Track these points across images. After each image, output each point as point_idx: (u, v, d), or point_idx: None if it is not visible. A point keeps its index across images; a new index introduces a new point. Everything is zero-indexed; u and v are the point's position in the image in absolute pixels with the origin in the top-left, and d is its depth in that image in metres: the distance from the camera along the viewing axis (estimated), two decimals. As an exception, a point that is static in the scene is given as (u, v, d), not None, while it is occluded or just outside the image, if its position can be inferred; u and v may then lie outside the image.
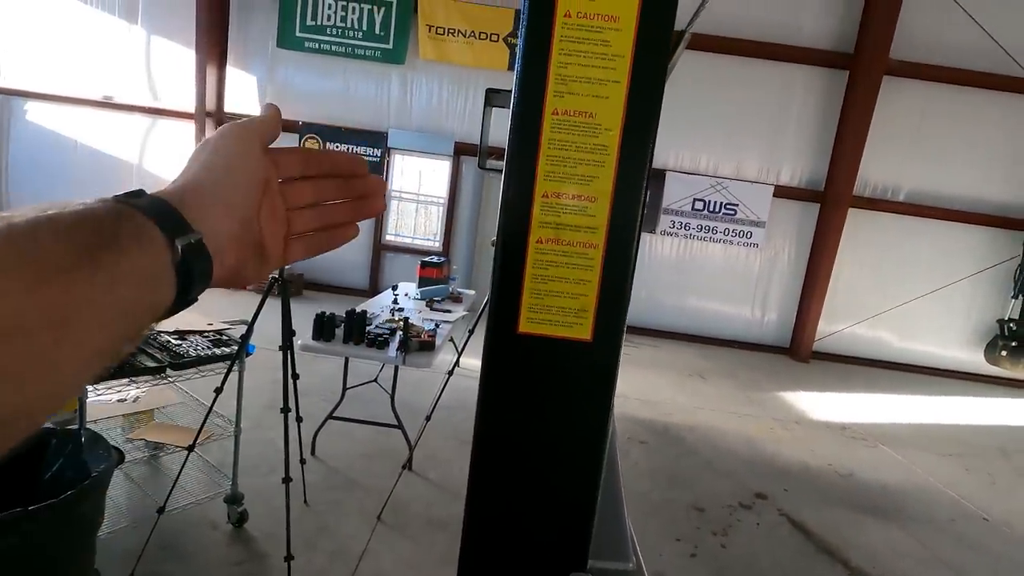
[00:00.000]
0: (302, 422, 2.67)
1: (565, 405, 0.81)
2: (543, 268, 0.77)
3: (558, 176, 0.75)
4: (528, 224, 0.76)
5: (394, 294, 4.58)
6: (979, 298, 8.15)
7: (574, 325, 0.79)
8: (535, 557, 0.84)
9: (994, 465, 4.91)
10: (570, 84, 0.73)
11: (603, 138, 0.74)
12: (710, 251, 8.34)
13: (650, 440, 4.42)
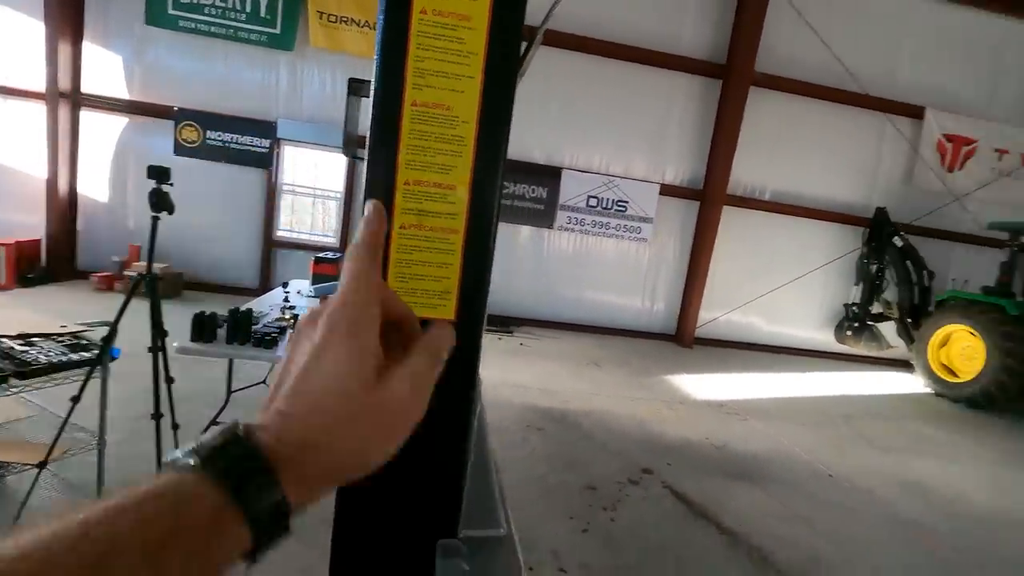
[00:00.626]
0: (179, 429, 2.50)
1: (433, 381, 0.85)
2: (407, 253, 0.81)
3: (419, 165, 0.79)
4: (392, 210, 0.80)
5: (285, 292, 4.37)
6: (830, 285, 9.31)
7: (438, 306, 0.83)
8: (407, 529, 0.88)
9: (840, 430, 5.65)
10: (428, 77, 0.77)
11: (460, 129, 0.79)
12: (604, 246, 8.79)
13: (548, 427, 4.60)
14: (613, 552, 2.97)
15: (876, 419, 6.26)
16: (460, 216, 0.81)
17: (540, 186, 8.41)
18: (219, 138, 7.73)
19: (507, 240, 8.54)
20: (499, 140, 0.82)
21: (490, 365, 6.16)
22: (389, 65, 0.76)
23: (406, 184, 0.79)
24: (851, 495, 4.13)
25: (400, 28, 0.75)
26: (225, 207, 8.00)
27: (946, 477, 4.76)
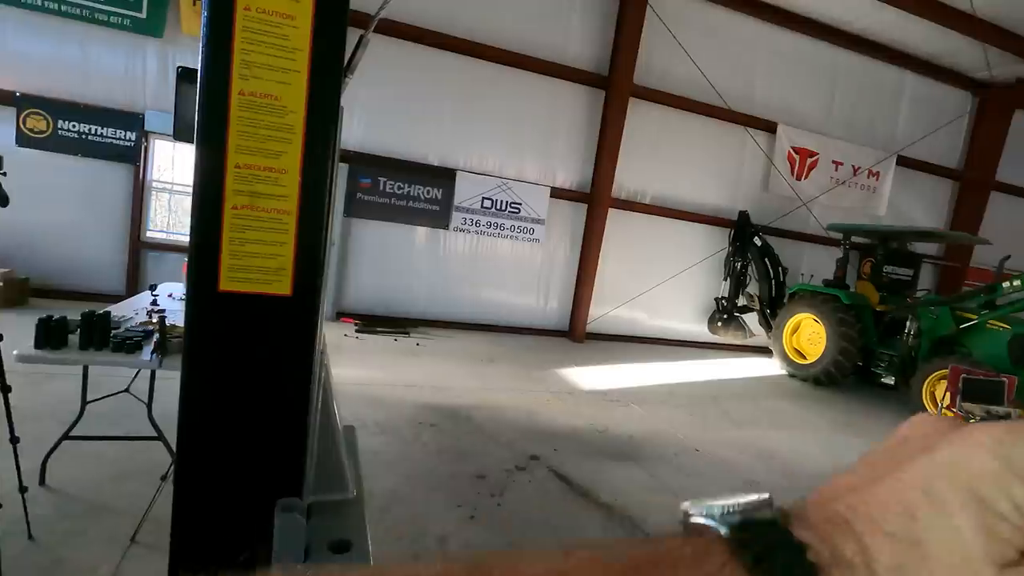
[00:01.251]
0: (18, 443, 2.28)
1: (270, 352, 0.92)
2: (240, 232, 0.87)
3: (248, 150, 0.85)
4: (222, 192, 0.85)
5: (153, 295, 4.08)
6: (703, 281, 10.22)
7: (273, 282, 0.89)
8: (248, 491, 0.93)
9: (707, 410, 6.26)
10: (254, 69, 0.84)
11: (289, 119, 0.87)
12: (499, 246, 9.01)
13: (440, 423, 4.67)
14: (498, 533, 3.12)
15: (739, 399, 7.00)
16: (292, 198, 0.89)
17: (435, 187, 8.47)
18: (74, 129, 6.98)
19: (403, 241, 8.51)
20: (328, 129, 0.90)
21: (385, 366, 6.12)
22: (215, 56, 0.82)
23: (236, 167, 0.85)
24: (713, 465, 4.61)
25: (225, 23, 0.82)
26: (83, 205, 7.24)
27: (792, 444, 5.46)
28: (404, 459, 3.88)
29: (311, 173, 0.91)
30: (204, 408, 0.89)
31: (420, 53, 8.10)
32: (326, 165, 0.92)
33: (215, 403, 0.89)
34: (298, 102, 0.88)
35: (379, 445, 4.04)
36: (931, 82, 10.99)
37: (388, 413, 4.68)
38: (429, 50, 8.13)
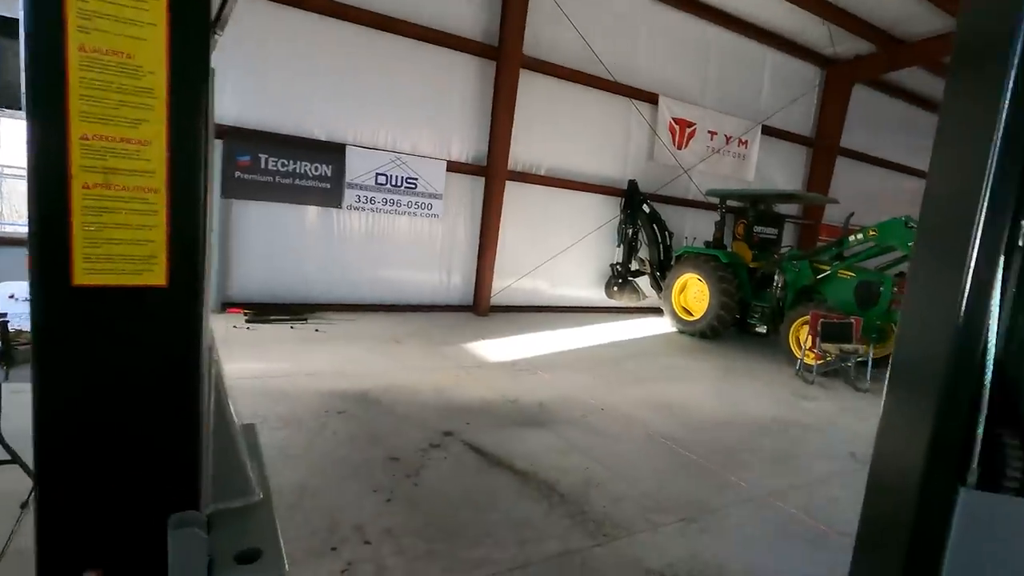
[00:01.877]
0: None
1: (146, 351, 0.80)
2: (96, 215, 0.74)
3: (97, 118, 0.72)
4: (67, 169, 0.72)
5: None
6: (598, 249, 10.66)
7: (144, 271, 0.78)
8: (134, 513, 0.82)
9: (610, 371, 6.61)
10: (96, 20, 0.70)
11: (146, 81, 0.74)
12: (397, 223, 8.75)
13: (348, 409, 4.51)
14: (416, 513, 3.09)
15: (637, 358, 7.45)
16: (159, 174, 0.77)
17: (324, 164, 7.99)
18: None
19: (292, 223, 7.98)
20: (197, 93, 0.79)
21: (283, 356, 5.77)
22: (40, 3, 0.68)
23: (83, 139, 0.72)
24: (618, 422, 4.89)
25: (51, -40, 0.67)
26: None
27: (685, 394, 5.92)
28: (312, 451, 3.71)
29: (180, 144, 0.79)
30: (66, 422, 0.77)
31: (299, 18, 7.51)
32: (198, 135, 0.80)
33: (79, 415, 0.77)
34: (157, 61, 0.76)
35: (283, 440, 3.82)
36: (787, 58, 12.08)
37: (291, 405, 4.44)
38: (310, 15, 7.56)
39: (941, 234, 1.03)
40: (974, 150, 0.89)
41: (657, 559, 2.90)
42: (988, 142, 0.88)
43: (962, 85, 1.00)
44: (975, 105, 0.90)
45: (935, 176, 1.08)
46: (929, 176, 1.11)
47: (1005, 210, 0.91)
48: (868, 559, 1.10)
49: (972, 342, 0.91)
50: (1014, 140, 0.87)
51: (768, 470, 4.18)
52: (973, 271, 0.91)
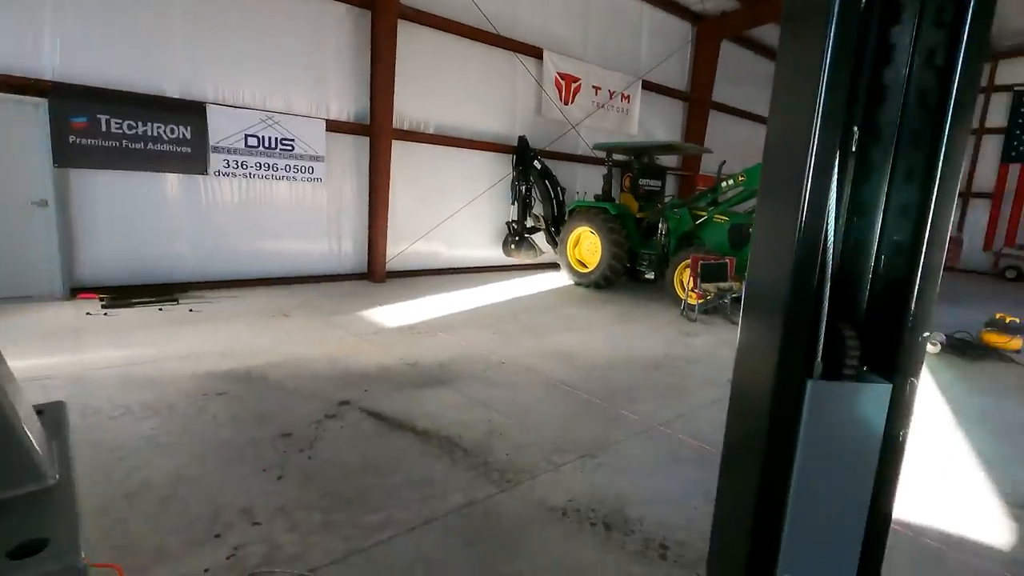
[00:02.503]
0: None
1: None
2: None
3: None
4: None
5: None
6: (493, 207, 10.61)
7: None
8: None
9: (509, 326, 6.66)
10: None
11: None
12: (276, 190, 8.09)
13: (230, 389, 4.16)
14: (311, 487, 2.93)
15: (535, 312, 7.59)
16: None
17: (181, 125, 7.11)
18: None
19: (150, 193, 7.09)
20: None
21: (150, 341, 5.19)
22: None
23: None
24: (518, 373, 4.95)
25: None
26: None
27: (583, 343, 6.13)
28: (188, 437, 3.38)
29: None
30: None
31: (128, -47, 6.48)
32: None
33: None
34: None
35: (150, 429, 3.44)
36: (662, 14, 12.49)
37: (159, 391, 4.00)
38: (140, -50, 6.55)
39: (781, 159, 1.05)
40: (805, 82, 0.92)
41: (559, 497, 2.98)
42: (816, 75, 0.90)
43: (793, 31, 1.06)
44: (806, 41, 0.95)
45: (776, 113, 1.11)
46: (771, 114, 1.13)
47: (836, 125, 0.93)
48: (734, 457, 1.13)
49: (812, 249, 0.93)
50: (837, 69, 0.91)
51: (659, 403, 4.45)
52: (811, 176, 0.92)
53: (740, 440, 1.10)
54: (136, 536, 2.44)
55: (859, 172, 1.02)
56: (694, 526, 2.78)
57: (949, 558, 2.67)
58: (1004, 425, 4.46)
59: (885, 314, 1.01)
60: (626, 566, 2.46)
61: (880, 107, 0.97)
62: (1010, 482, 3.47)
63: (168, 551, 2.36)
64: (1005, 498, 3.27)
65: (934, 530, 2.88)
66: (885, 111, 0.97)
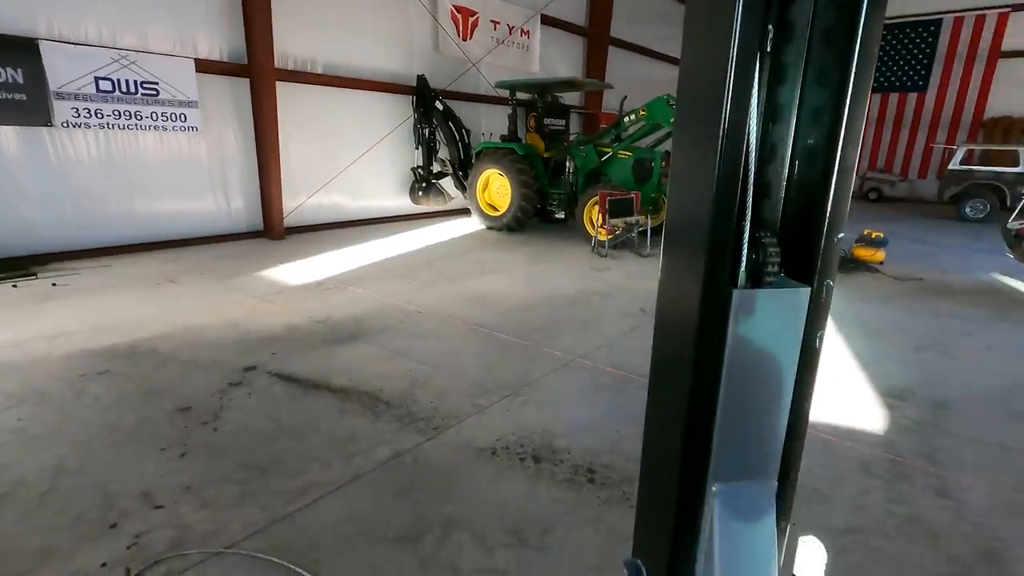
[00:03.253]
0: None
1: None
2: None
3: None
4: None
5: None
6: (396, 153, 10.08)
7: None
8: None
9: (423, 274, 6.47)
10: None
11: None
12: (143, 142, 7.13)
13: (113, 367, 3.71)
14: (221, 460, 2.70)
15: (449, 258, 7.42)
16: None
17: (8, 67, 5.97)
18: None
19: (-20, 151, 5.97)
20: None
21: (4, 323, 4.49)
22: None
23: None
24: (436, 321, 4.84)
25: None
26: None
27: (498, 286, 6.09)
28: (66, 425, 2.98)
29: None
30: None
31: None
32: None
33: None
34: None
35: (17, 420, 3.00)
36: (557, -59, 12.04)
37: (24, 378, 3.49)
38: None
39: (700, 63, 0.95)
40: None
41: (486, 437, 2.97)
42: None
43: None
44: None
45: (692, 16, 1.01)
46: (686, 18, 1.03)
47: (755, 23, 0.84)
48: (663, 374, 1.09)
49: (734, 158, 0.86)
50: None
51: (577, 337, 4.54)
52: (732, 81, 0.83)
53: (668, 357, 1.06)
54: (10, 540, 2.13)
55: (773, 74, 0.95)
56: (618, 449, 2.89)
57: (838, 446, 2.98)
58: (876, 328, 5.02)
59: (801, 219, 0.98)
60: (557, 494, 2.51)
61: (793, 3, 0.89)
62: (884, 376, 3.92)
63: (55, 551, 2.09)
64: (880, 391, 3.69)
65: (825, 424, 3.20)
66: (797, 7, 0.89)
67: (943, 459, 2.88)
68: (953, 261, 7.90)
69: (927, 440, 3.06)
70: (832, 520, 2.38)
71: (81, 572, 1.99)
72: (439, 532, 2.25)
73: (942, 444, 3.02)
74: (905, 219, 12.46)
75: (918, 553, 2.20)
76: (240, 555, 2.10)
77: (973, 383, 3.81)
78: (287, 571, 2.02)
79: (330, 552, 2.13)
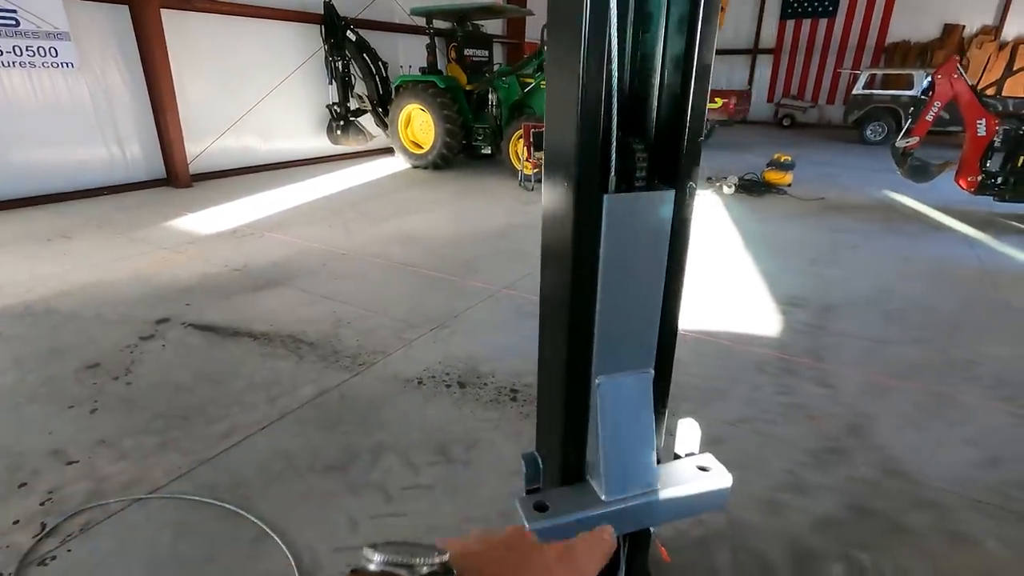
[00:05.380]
0: None
1: None
2: None
3: None
4: None
5: None
6: (309, 90, 9.47)
7: None
8: None
9: (346, 217, 6.28)
10: None
11: None
12: (9, 82, 6.31)
13: (5, 329, 3.45)
14: (136, 411, 2.63)
15: (373, 199, 7.22)
16: None
17: None
18: None
19: None
20: None
21: None
22: None
23: None
24: (362, 262, 4.76)
25: None
26: None
27: (426, 224, 6.02)
28: (-43, 392, 2.78)
29: None
30: None
31: None
32: None
33: None
34: None
35: (-101, 391, 2.76)
36: None
37: (-100, 348, 3.19)
38: None
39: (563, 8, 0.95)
40: None
41: (414, 369, 3.04)
42: None
43: None
44: None
45: None
46: None
47: None
48: (548, 284, 1.17)
49: (598, 68, 0.90)
50: None
51: (502, 270, 4.61)
52: None
53: (552, 263, 1.14)
54: (-95, 510, 2.02)
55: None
56: (540, 368, 3.03)
57: (737, 350, 3.27)
58: (779, 244, 5.40)
59: (667, 127, 1.05)
60: (482, 413, 2.64)
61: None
62: (782, 286, 4.27)
63: (-44, 517, 2.00)
64: (779, 299, 4.03)
65: (726, 332, 3.49)
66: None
67: (826, 355, 3.23)
68: (853, 181, 8.50)
69: (815, 339, 3.41)
70: (727, 413, 2.65)
71: (-10, 532, 1.93)
72: (367, 458, 2.33)
73: (826, 343, 3.38)
74: (814, 143, 13.16)
75: (799, 433, 2.51)
76: (164, 499, 2.10)
77: (857, 289, 4.23)
78: (215, 509, 2.05)
79: (258, 487, 2.16)
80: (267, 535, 1.93)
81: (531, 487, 1.25)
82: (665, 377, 1.25)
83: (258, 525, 1.97)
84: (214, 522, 2.00)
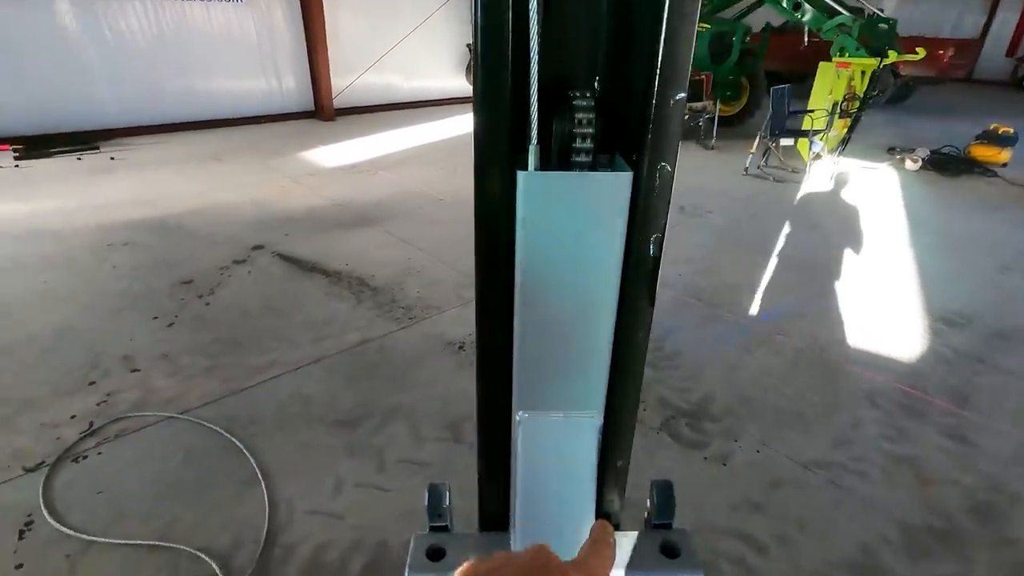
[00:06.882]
0: None
1: None
2: None
3: None
4: None
5: None
6: (451, 29, 9.41)
7: None
8: None
9: (460, 162, 6.21)
10: None
11: None
12: (192, 15, 7.06)
13: (139, 239, 3.93)
14: (203, 332, 2.83)
15: (493, 145, 7.04)
16: None
17: (55, -66, 5.93)
18: None
19: (36, 27, 6.14)
20: None
21: (63, 193, 4.86)
22: None
23: None
24: (458, 209, 4.66)
25: None
26: None
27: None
28: (85, 289, 3.22)
29: None
30: None
31: None
32: None
33: None
34: None
35: (45, 283, 3.27)
36: None
37: (62, 244, 3.78)
38: None
39: None
40: None
41: (460, 332, 2.88)
42: None
43: None
44: None
45: None
46: None
47: None
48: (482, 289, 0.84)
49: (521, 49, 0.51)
50: None
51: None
52: None
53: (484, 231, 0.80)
54: (3, 389, 2.38)
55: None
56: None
57: (847, 371, 2.61)
58: (959, 240, 4.25)
59: (626, 78, 0.66)
60: (510, 395, 2.41)
61: None
62: (944, 297, 3.35)
63: (36, 401, 2.30)
64: (931, 313, 3.16)
65: (839, 344, 2.81)
66: None
67: (975, 398, 2.45)
68: (1104, 166, 6.43)
69: (965, 374, 2.61)
70: (803, 450, 2.12)
71: (51, 421, 2.19)
72: (378, 420, 2.25)
73: (982, 381, 2.56)
74: (1061, 112, 10.22)
75: (898, 499, 1.92)
76: (189, 421, 2.22)
77: (1061, 313, 3.17)
78: (224, 441, 2.12)
79: (269, 428, 2.19)
80: (256, 481, 1.94)
81: (434, 524, 1.01)
82: (620, 423, 0.92)
83: (252, 467, 2.00)
84: (220, 455, 2.06)
